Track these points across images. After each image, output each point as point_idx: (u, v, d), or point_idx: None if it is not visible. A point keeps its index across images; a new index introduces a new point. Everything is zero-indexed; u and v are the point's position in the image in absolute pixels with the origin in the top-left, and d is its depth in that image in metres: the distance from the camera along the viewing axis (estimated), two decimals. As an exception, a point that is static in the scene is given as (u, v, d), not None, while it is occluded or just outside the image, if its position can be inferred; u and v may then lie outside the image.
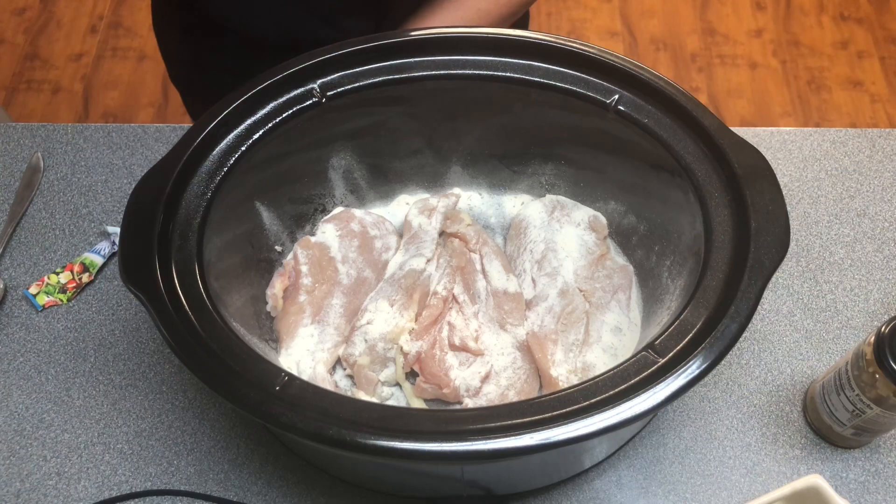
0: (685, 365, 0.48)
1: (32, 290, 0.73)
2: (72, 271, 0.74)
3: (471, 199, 0.77)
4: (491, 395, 0.64)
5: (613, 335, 0.65)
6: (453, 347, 0.65)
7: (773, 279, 0.66)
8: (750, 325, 0.51)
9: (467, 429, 0.47)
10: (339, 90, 0.64)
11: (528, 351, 0.65)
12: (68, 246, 0.77)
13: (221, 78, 0.68)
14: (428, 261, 0.70)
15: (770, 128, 0.85)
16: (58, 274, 0.74)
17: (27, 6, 2.09)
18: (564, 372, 0.63)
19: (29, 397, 0.68)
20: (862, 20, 2.02)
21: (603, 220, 0.73)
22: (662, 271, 0.65)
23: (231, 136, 0.62)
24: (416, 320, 0.67)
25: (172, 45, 0.91)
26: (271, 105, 0.63)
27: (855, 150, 0.83)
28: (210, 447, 0.66)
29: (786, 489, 0.56)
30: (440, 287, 0.68)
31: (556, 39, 0.64)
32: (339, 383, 0.66)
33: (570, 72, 0.64)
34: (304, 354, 0.65)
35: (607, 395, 0.48)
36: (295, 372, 0.64)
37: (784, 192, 0.56)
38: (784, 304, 0.73)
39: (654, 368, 0.49)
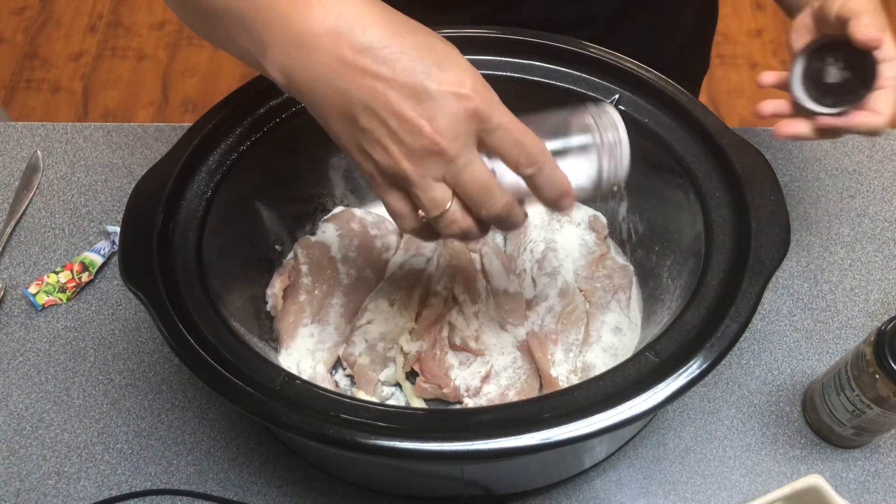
0: (685, 365, 0.48)
1: (32, 289, 0.73)
2: (71, 271, 0.74)
3: (471, 199, 0.76)
4: (491, 395, 0.64)
5: (613, 335, 0.65)
6: (453, 347, 0.65)
7: (773, 279, 0.66)
8: (750, 325, 0.51)
9: (467, 429, 0.47)
10: (339, 90, 0.64)
11: (528, 351, 0.65)
12: (68, 245, 0.77)
13: None
14: (428, 260, 0.69)
15: (770, 128, 0.84)
16: (57, 273, 0.74)
17: (27, 5, 2.09)
18: (564, 372, 0.63)
19: (28, 397, 0.68)
20: (862, 20, 2.01)
21: (603, 219, 0.73)
22: (662, 271, 0.65)
23: (231, 135, 0.62)
24: (416, 320, 0.67)
25: None
26: (272, 104, 0.63)
27: (855, 150, 0.83)
28: (210, 447, 0.66)
29: (786, 489, 0.56)
30: (440, 287, 0.68)
31: (556, 39, 0.64)
32: (339, 383, 0.66)
33: (571, 72, 0.64)
34: (304, 354, 0.65)
35: (607, 395, 0.48)
36: (295, 372, 0.64)
37: (784, 192, 0.56)
38: (784, 304, 0.73)
39: (654, 368, 0.49)
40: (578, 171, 0.47)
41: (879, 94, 0.60)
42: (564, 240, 0.70)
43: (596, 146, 0.47)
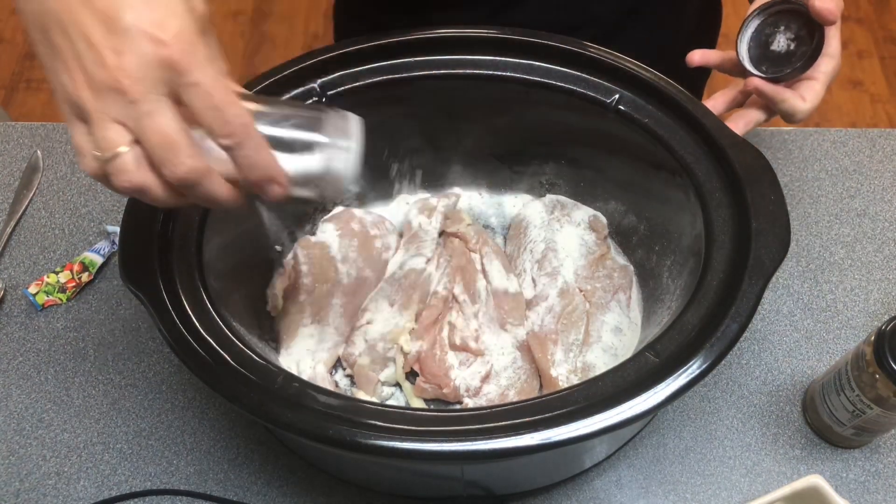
0: (685, 365, 0.48)
1: (32, 289, 0.73)
2: (71, 270, 0.74)
3: (471, 199, 0.77)
4: (491, 395, 0.64)
5: (613, 335, 0.65)
6: (453, 347, 0.65)
7: (774, 279, 0.66)
8: (750, 325, 0.51)
9: (467, 429, 0.47)
10: (338, 89, 0.64)
11: (528, 351, 0.65)
12: (68, 245, 0.77)
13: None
14: (428, 260, 0.69)
15: (770, 128, 0.84)
16: (57, 273, 0.74)
17: (27, 5, 2.08)
18: (564, 372, 0.63)
19: (28, 397, 0.68)
20: (862, 20, 2.02)
21: (603, 219, 0.73)
22: (663, 271, 0.65)
23: (231, 135, 0.61)
24: (416, 320, 0.67)
25: None
26: (271, 104, 0.63)
27: (855, 150, 0.83)
28: (210, 447, 0.66)
29: (786, 489, 0.56)
30: (440, 287, 0.68)
31: (555, 39, 0.64)
32: (339, 383, 0.66)
33: (571, 72, 0.64)
34: (304, 354, 0.65)
35: (607, 395, 0.48)
36: (295, 372, 0.64)
37: (784, 192, 0.56)
38: (784, 304, 0.73)
39: (654, 368, 0.49)
40: (301, 167, 0.45)
41: (809, 83, 0.63)
42: (564, 240, 0.70)
43: (326, 147, 0.46)
